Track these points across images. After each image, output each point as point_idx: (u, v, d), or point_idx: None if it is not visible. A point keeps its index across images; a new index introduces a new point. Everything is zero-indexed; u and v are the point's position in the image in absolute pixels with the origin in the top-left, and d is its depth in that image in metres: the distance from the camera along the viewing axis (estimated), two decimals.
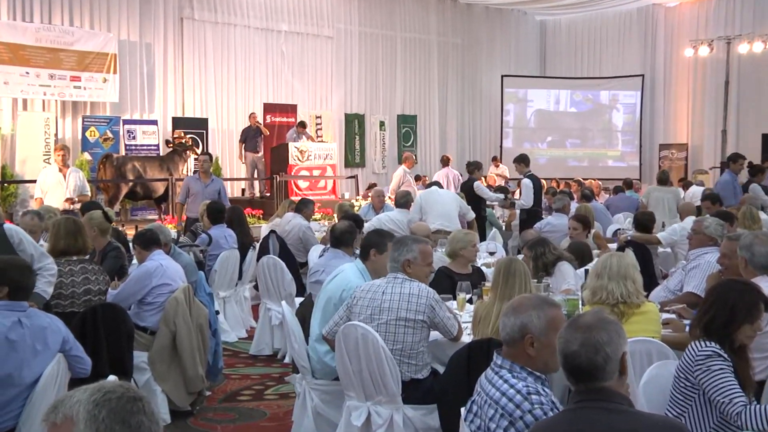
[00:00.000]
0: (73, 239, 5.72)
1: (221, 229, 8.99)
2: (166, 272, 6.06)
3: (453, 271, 6.40)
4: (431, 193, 10.45)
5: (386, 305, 4.61)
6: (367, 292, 4.73)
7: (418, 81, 24.71)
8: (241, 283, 9.22)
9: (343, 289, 5.19)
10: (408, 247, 4.81)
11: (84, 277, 5.62)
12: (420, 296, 4.60)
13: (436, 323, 4.62)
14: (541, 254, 6.26)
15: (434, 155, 25.03)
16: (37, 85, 16.54)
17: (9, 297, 4.17)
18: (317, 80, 22.17)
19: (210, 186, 11.27)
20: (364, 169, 23.23)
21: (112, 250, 6.99)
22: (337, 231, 6.82)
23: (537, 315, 3.08)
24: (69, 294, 5.54)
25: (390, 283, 4.72)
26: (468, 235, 6.67)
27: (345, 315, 4.82)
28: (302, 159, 17.26)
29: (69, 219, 5.94)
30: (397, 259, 4.80)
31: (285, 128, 19.65)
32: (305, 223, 10.18)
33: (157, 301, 5.99)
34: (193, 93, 19.63)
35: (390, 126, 24.00)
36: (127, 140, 17.84)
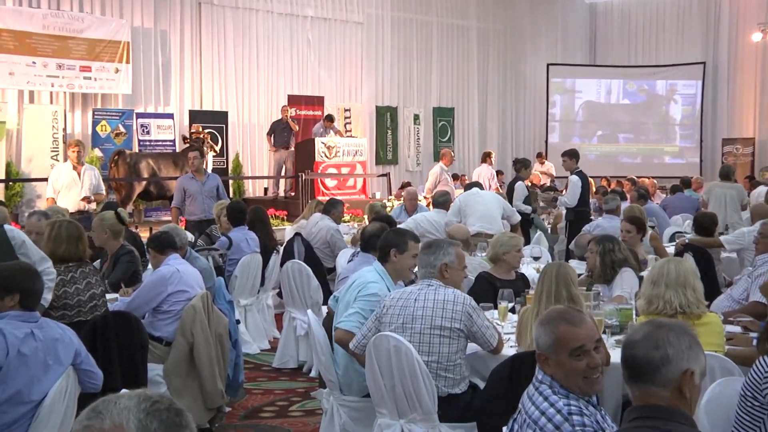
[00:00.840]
0: (74, 245, 5.77)
1: (242, 232, 9.03)
2: (183, 278, 6.08)
3: (495, 276, 6.37)
4: (471, 195, 10.44)
5: (419, 313, 4.62)
6: (398, 300, 4.74)
7: (455, 71, 24.68)
8: (264, 290, 9.25)
9: (360, 289, 5.22)
10: (444, 249, 4.83)
11: (86, 282, 5.69)
12: (456, 303, 4.60)
13: (474, 333, 4.62)
14: (610, 250, 6.22)
15: (473, 151, 25.00)
16: (44, 75, 16.70)
17: (20, 304, 4.23)
18: (346, 70, 22.23)
19: (207, 183, 11.23)
20: (397, 167, 23.24)
21: (125, 254, 7.04)
22: (368, 234, 6.82)
23: (544, 331, 3.08)
24: (75, 303, 5.59)
25: (423, 289, 4.72)
26: (512, 238, 6.65)
27: (374, 326, 4.82)
28: (330, 155, 17.32)
29: (71, 223, 6.00)
30: (433, 263, 4.80)
31: (311, 122, 19.72)
32: (334, 225, 10.19)
33: (173, 309, 6.02)
34: (211, 84, 19.76)
35: (425, 119, 23.99)
36: (141, 135, 17.98)
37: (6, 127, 16.25)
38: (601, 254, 6.21)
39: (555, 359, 3.02)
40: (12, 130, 16.56)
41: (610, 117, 25.56)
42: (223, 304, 6.69)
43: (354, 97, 22.43)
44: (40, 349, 4.16)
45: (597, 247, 6.27)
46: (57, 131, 16.48)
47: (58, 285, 5.49)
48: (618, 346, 4.64)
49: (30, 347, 4.13)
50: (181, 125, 18.79)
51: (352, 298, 5.24)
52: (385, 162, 22.97)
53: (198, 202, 11.04)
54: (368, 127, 22.53)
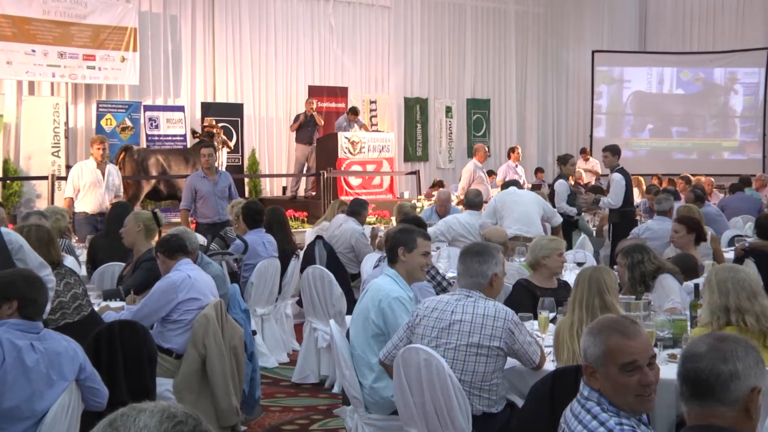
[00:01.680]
0: (45, 250, 5.84)
1: (259, 234, 9.05)
2: (195, 285, 6.11)
3: (534, 284, 6.35)
4: (508, 195, 10.41)
5: (456, 327, 4.60)
6: (433, 311, 4.73)
7: (491, 58, 24.63)
8: (282, 299, 9.27)
9: (380, 299, 5.25)
10: (495, 258, 4.80)
11: (64, 284, 5.75)
12: (497, 318, 4.57)
13: (516, 350, 4.60)
14: (639, 262, 6.09)
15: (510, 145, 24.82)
16: (44, 65, 16.80)
17: (19, 313, 4.27)
18: (371, 58, 22.24)
19: (220, 183, 11.31)
20: (427, 164, 23.23)
21: (147, 261, 7.07)
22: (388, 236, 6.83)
23: (594, 341, 3.06)
24: (57, 305, 5.65)
25: (461, 300, 4.70)
26: (553, 242, 6.62)
27: (405, 336, 4.83)
28: (354, 152, 17.33)
29: (41, 228, 6.12)
30: (484, 273, 4.75)
31: (333, 115, 19.75)
32: (359, 228, 10.20)
33: (184, 318, 6.05)
34: (225, 74, 19.85)
35: (458, 112, 23.96)
36: (149, 129, 18.07)
37: (3, 121, 16.34)
38: (630, 267, 6.07)
39: (603, 372, 3.00)
40: (9, 124, 16.67)
41: (662, 109, 25.41)
42: (238, 314, 6.71)
43: (380, 88, 22.44)
44: (42, 362, 4.19)
45: (625, 259, 6.16)
46: (58, 125, 16.58)
47: None
48: (672, 361, 4.62)
49: (30, 359, 4.16)
50: (192, 118, 18.87)
51: (373, 311, 5.25)
52: (414, 159, 22.96)
53: (211, 203, 11.09)
54: (396, 121, 22.54)
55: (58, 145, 16.47)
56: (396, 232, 5.66)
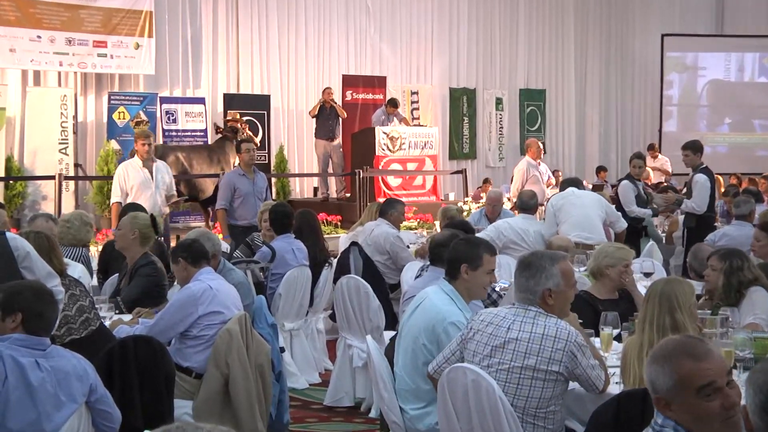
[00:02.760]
0: (46, 259, 5.84)
1: (287, 241, 9.05)
2: (217, 296, 6.12)
3: (595, 297, 6.32)
4: (566, 197, 10.32)
5: (511, 346, 4.57)
6: (488, 325, 4.69)
7: (547, 44, 24.56)
8: (313, 312, 9.29)
9: (435, 324, 5.21)
10: (547, 271, 4.69)
11: (69, 295, 5.77)
12: (558, 339, 4.52)
13: (578, 375, 4.56)
14: (738, 269, 6.03)
15: (569, 142, 24.87)
16: (51, 52, 16.90)
17: (23, 327, 4.31)
18: (413, 44, 22.26)
19: (259, 182, 11.43)
20: (475, 162, 23.21)
21: (146, 266, 7.10)
22: (436, 243, 6.81)
23: (662, 370, 3.04)
24: (63, 320, 5.64)
25: (519, 316, 4.66)
26: (621, 250, 6.57)
27: (458, 349, 4.81)
28: (393, 148, 17.34)
29: (40, 234, 6.12)
30: (532, 289, 4.70)
31: (370, 108, 19.77)
32: (392, 231, 10.18)
33: (205, 334, 6.07)
34: (250, 62, 19.95)
35: (510, 104, 23.91)
36: (166, 124, 18.18)
37: (6, 115, 16.47)
38: (727, 273, 6.03)
39: (680, 403, 2.99)
40: (13, 117, 16.80)
41: (742, 99, 25.18)
42: (265, 329, 6.72)
43: (423, 77, 22.45)
44: (48, 381, 4.21)
45: (721, 263, 6.11)
46: (66, 119, 16.72)
47: None
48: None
49: (35, 378, 4.18)
50: (214, 112, 18.97)
51: (426, 333, 5.23)
52: (461, 156, 22.95)
53: (249, 204, 11.16)
54: (440, 114, 22.54)
55: (66, 142, 16.61)
56: (459, 243, 5.56)
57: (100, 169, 16.58)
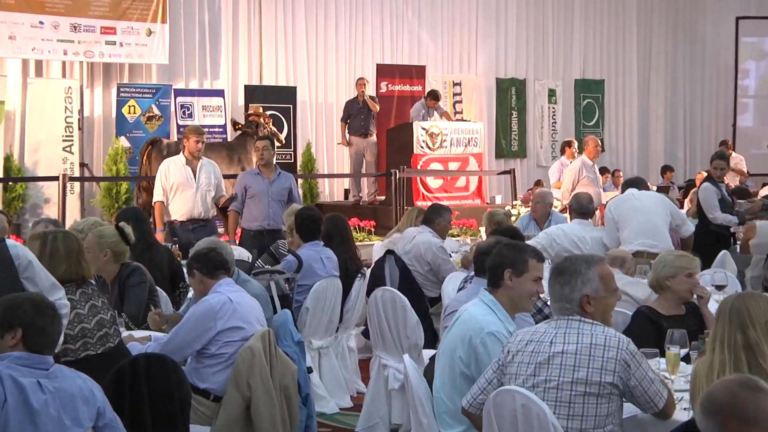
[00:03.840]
0: (76, 263, 5.92)
1: (316, 249, 9.06)
2: (238, 310, 6.15)
3: (659, 312, 6.29)
4: (625, 200, 10.22)
5: (557, 360, 4.56)
6: (528, 344, 4.70)
7: (606, 28, 24.48)
8: (344, 328, 9.30)
9: (471, 334, 5.20)
10: (582, 275, 4.70)
11: (90, 306, 5.82)
12: (608, 347, 4.52)
13: (633, 388, 4.55)
14: None
15: (630, 139, 24.77)
16: (54, 40, 16.99)
17: (23, 344, 4.34)
18: (455, 30, 22.25)
19: (276, 183, 11.40)
20: (525, 161, 23.18)
21: (132, 275, 7.13)
22: (480, 252, 6.80)
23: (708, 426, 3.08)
24: (78, 333, 5.70)
25: (561, 328, 4.66)
26: (681, 258, 6.54)
27: (495, 377, 4.81)
28: (433, 146, 17.33)
29: (68, 235, 6.13)
30: (568, 297, 4.70)
31: (408, 101, 19.79)
32: (436, 240, 10.16)
33: (225, 352, 6.10)
34: (275, 50, 20.00)
35: (564, 96, 23.85)
36: (181, 119, 18.21)
37: (4, 109, 16.56)
38: None
39: None
40: (12, 112, 16.91)
41: None
42: (291, 347, 6.74)
43: (466, 67, 22.43)
44: (52, 404, 4.22)
45: None
46: (71, 114, 16.83)
47: None
48: None
49: (37, 400, 4.20)
50: (234, 105, 19.05)
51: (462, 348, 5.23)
52: (509, 154, 22.91)
53: (262, 205, 11.20)
54: (485, 108, 22.52)
55: (71, 139, 16.73)
56: (502, 248, 5.56)
57: (108, 169, 16.61)
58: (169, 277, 8.55)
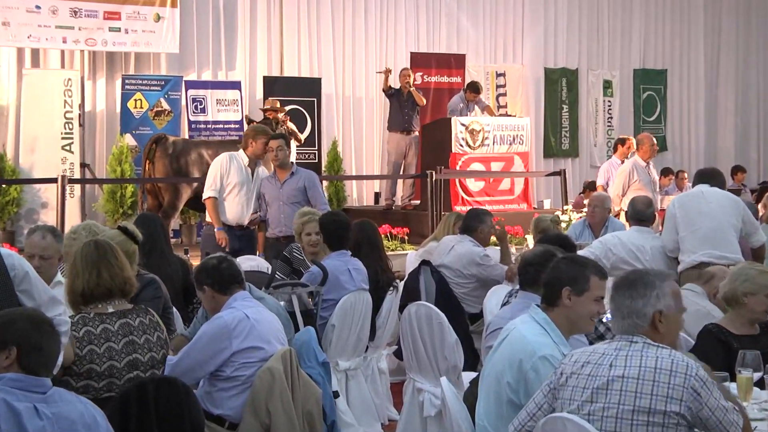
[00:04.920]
0: (107, 275, 5.80)
1: (343, 259, 9.05)
2: (256, 328, 6.14)
3: (729, 331, 6.27)
4: (694, 200, 10.03)
5: (616, 385, 4.54)
6: (584, 365, 4.68)
7: (669, 12, 24.42)
8: (375, 348, 9.31)
9: (522, 358, 5.17)
10: (658, 289, 4.66)
11: (127, 341, 5.71)
12: (675, 373, 4.49)
13: (704, 419, 4.52)
14: None
15: (696, 135, 24.70)
16: (52, 26, 17.07)
17: (19, 364, 4.33)
18: (499, 16, 22.27)
19: (288, 183, 11.36)
20: (577, 161, 23.15)
21: (147, 288, 7.11)
22: (527, 263, 6.78)
23: None
24: (105, 370, 5.62)
25: (622, 350, 4.64)
26: (763, 274, 6.50)
27: (545, 402, 4.79)
28: (474, 144, 17.32)
29: (102, 244, 5.98)
30: (641, 311, 4.66)
31: (445, 94, 19.82)
32: (478, 250, 10.14)
33: (241, 374, 6.10)
34: (297, 38, 20.06)
35: (621, 88, 23.82)
36: (193, 114, 18.33)
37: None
38: None
39: None
40: (6, 107, 17.08)
41: None
42: (315, 368, 6.75)
43: (511, 56, 22.43)
44: (50, 431, 4.25)
45: None
46: (71, 108, 16.94)
47: (82, 341, 5.54)
48: None
49: (34, 427, 4.19)
50: (251, 99, 19.13)
51: (510, 372, 5.20)
52: (559, 153, 22.89)
53: (272, 210, 11.28)
54: (533, 101, 22.53)
55: (71, 135, 16.83)
56: (560, 262, 5.52)
57: (111, 170, 16.67)
58: (181, 291, 8.45)
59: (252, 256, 11.08)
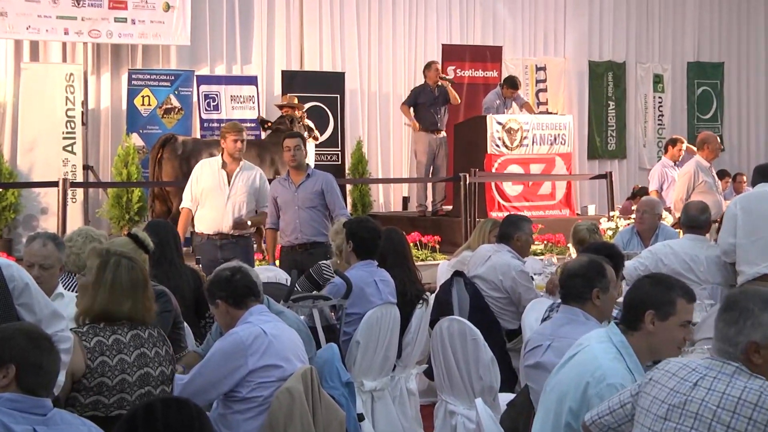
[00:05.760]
0: (140, 301, 5.75)
1: (368, 269, 9.00)
2: (274, 344, 6.16)
3: None
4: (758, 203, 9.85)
5: (693, 408, 4.45)
6: (671, 377, 4.55)
7: (726, 3, 24.37)
8: (403, 366, 9.31)
9: (589, 382, 5.14)
10: (754, 317, 4.48)
11: (139, 354, 5.69)
12: (760, 408, 4.38)
13: None
14: None
15: (756, 134, 24.67)
16: (53, 17, 17.07)
17: (17, 384, 4.35)
18: (539, 4, 22.27)
19: (304, 186, 11.30)
20: (625, 162, 23.13)
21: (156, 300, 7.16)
22: (569, 274, 6.77)
23: None
24: (117, 385, 5.59)
25: (712, 370, 4.54)
26: None
27: (630, 402, 4.72)
28: (511, 145, 17.31)
29: (137, 269, 5.87)
30: (733, 340, 4.55)
31: (480, 90, 19.83)
32: (517, 263, 10.10)
33: (258, 395, 6.11)
34: (318, 29, 20.09)
35: (674, 83, 23.78)
36: (205, 112, 18.35)
37: None
38: None
39: None
40: (2, 104, 17.15)
41: None
42: (338, 389, 6.76)
43: (552, 48, 22.43)
44: None
45: None
46: (73, 105, 17.00)
47: (94, 352, 5.50)
48: None
49: None
50: (269, 95, 19.16)
51: (575, 393, 5.19)
52: (605, 154, 22.86)
53: (287, 216, 11.24)
54: (576, 97, 22.53)
55: (73, 135, 16.88)
56: (643, 282, 5.47)
57: (117, 172, 16.66)
58: (193, 305, 8.41)
59: (270, 266, 11.09)
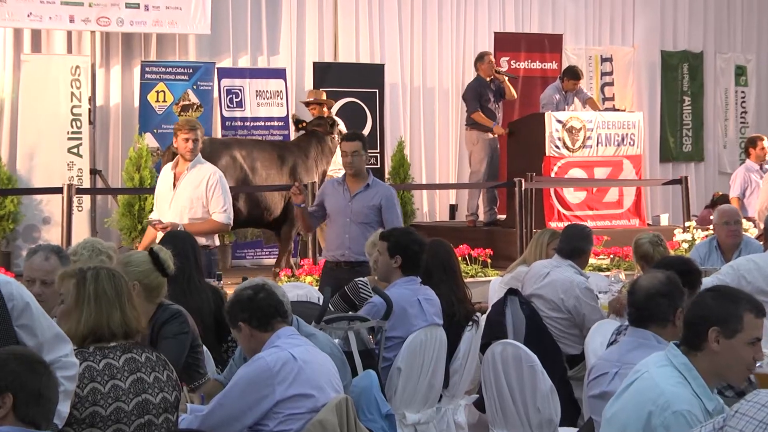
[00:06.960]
0: (123, 313, 5.71)
1: (411, 287, 9.03)
2: (305, 371, 6.18)
3: None
4: None
5: None
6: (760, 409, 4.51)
7: None
8: (450, 396, 9.32)
9: (651, 411, 5.12)
10: None
11: (135, 379, 5.66)
12: None
13: None
14: None
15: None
16: (57, 2, 17.07)
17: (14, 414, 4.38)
18: None
19: (360, 197, 11.18)
20: (702, 166, 23.09)
21: (171, 321, 7.13)
22: (642, 292, 6.76)
23: None
24: (112, 414, 5.58)
25: None
26: None
27: None
28: (573, 145, 17.29)
29: (115, 273, 5.87)
30: None
31: (538, 83, 19.89)
32: (581, 279, 10.12)
33: (287, 429, 6.12)
34: (355, 17, 20.13)
35: (759, 76, 23.72)
36: (227, 109, 18.39)
37: None
38: None
39: None
40: (1, 100, 17.20)
41: None
42: (376, 421, 6.77)
43: (620, 36, 22.42)
44: None
45: None
46: (80, 102, 17.05)
47: (83, 378, 5.45)
48: None
49: None
50: (299, 90, 19.20)
51: (630, 418, 5.18)
52: (680, 157, 22.83)
53: (336, 227, 11.18)
54: (646, 92, 22.49)
55: (79, 135, 16.93)
56: (705, 296, 5.45)
57: (128, 177, 16.59)
58: (213, 326, 8.38)
59: (299, 283, 11.10)
